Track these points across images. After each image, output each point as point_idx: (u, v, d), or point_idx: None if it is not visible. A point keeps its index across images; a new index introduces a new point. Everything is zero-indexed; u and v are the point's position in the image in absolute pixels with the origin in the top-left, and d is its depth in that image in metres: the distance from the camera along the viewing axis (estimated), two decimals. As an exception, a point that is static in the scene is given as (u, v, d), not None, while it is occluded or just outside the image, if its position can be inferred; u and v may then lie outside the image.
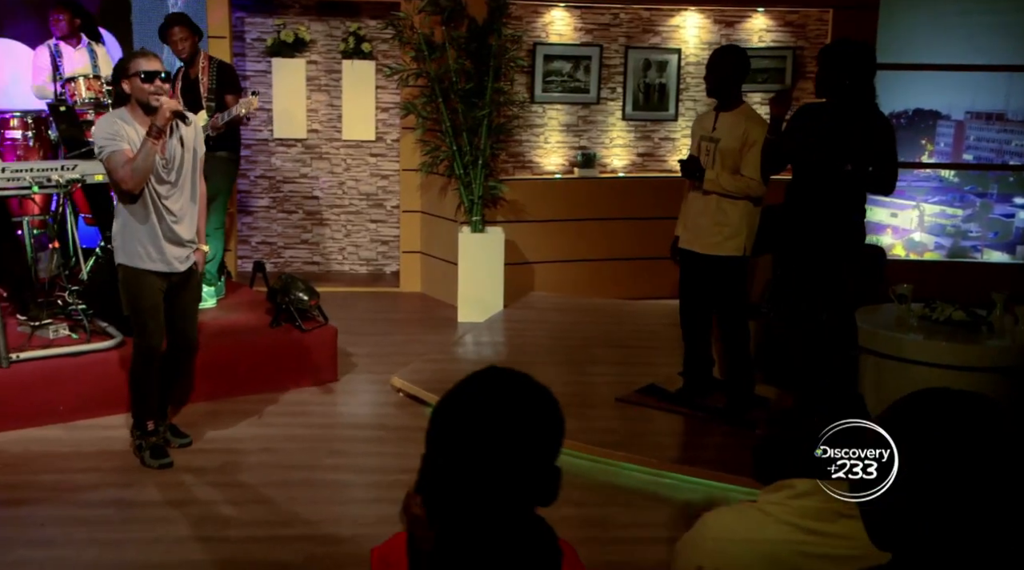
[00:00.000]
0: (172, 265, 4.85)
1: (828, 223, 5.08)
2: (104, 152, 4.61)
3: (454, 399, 1.63)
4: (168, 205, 4.78)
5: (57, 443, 5.29)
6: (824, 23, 8.47)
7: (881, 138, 4.96)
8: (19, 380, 5.43)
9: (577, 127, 8.43)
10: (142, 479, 4.90)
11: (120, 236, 4.80)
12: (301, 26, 8.66)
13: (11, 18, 7.70)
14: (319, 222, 9.05)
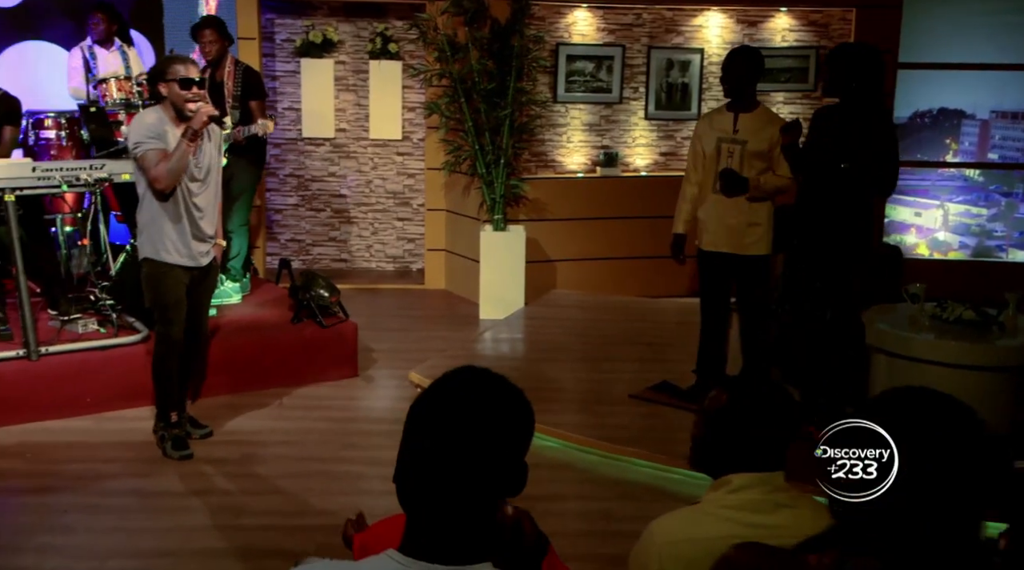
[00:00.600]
0: (196, 260, 5.02)
1: (833, 223, 5.12)
2: (140, 149, 4.77)
3: (430, 394, 1.72)
4: (197, 202, 4.95)
5: (83, 434, 5.47)
6: (847, 22, 8.48)
7: (880, 138, 4.99)
8: (48, 372, 5.62)
9: (600, 126, 8.51)
10: (163, 469, 5.06)
11: (147, 231, 4.95)
12: (329, 27, 8.81)
13: (47, 21, 7.91)
14: (347, 220, 9.19)
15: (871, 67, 5.01)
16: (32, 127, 6.94)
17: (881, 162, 4.99)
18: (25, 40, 7.87)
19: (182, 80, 4.75)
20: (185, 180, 4.86)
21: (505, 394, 1.69)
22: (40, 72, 7.82)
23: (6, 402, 5.48)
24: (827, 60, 5.21)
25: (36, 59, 7.87)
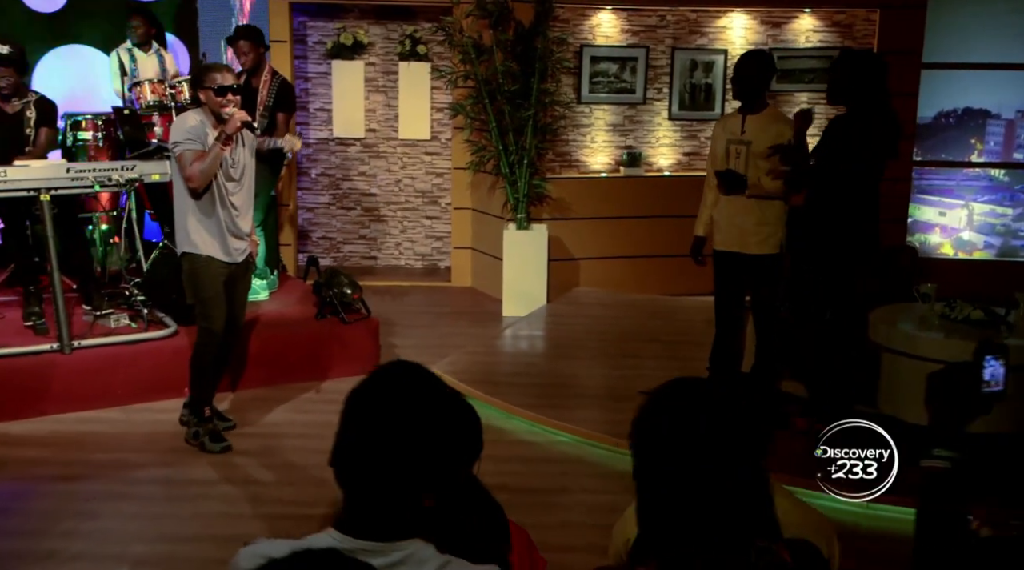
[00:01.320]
0: (232, 255, 5.23)
1: (836, 224, 5.20)
2: (179, 148, 4.98)
3: (364, 386, 1.88)
4: (233, 201, 5.17)
5: (113, 424, 5.70)
6: (871, 23, 8.51)
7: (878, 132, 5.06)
8: (81, 365, 5.85)
9: (623, 127, 8.62)
10: (187, 459, 5.27)
11: (185, 228, 5.15)
12: (360, 30, 9.00)
13: (87, 25, 8.16)
14: (376, 218, 9.39)
15: (871, 73, 5.08)
16: (70, 129, 7.19)
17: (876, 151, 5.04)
18: (66, 44, 8.12)
19: (218, 88, 4.96)
20: (222, 180, 5.07)
21: (431, 389, 1.85)
22: (80, 75, 8.08)
23: (40, 393, 5.73)
24: (830, 70, 5.30)
25: (76, 62, 8.13)
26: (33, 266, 6.43)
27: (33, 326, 6.22)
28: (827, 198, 5.21)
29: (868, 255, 5.34)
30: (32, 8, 8.00)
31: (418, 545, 1.78)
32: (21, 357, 5.79)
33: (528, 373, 6.49)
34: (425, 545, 1.79)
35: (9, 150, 6.35)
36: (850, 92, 5.09)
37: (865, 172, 5.11)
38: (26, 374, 5.75)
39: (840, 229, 5.20)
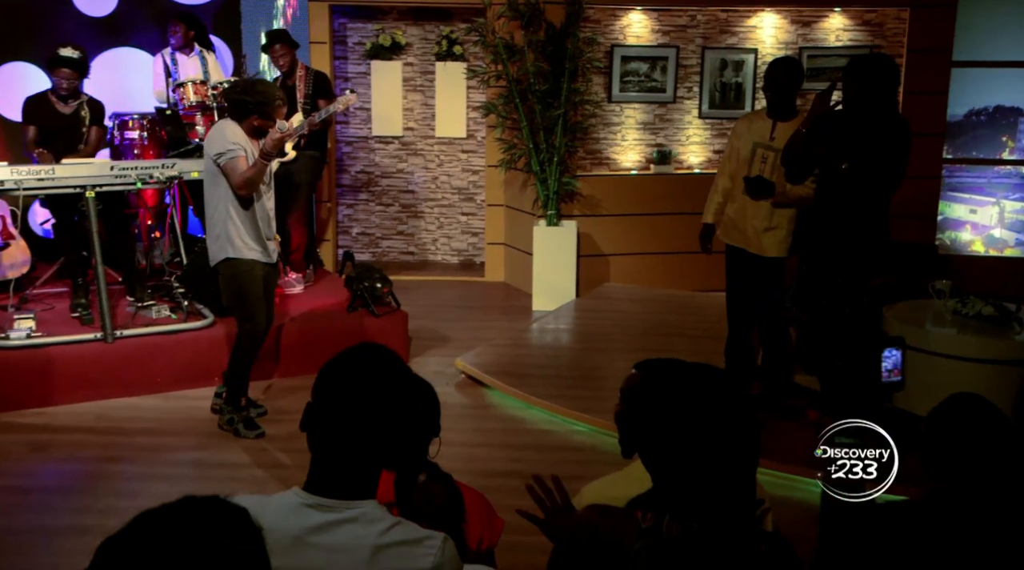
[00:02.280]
0: (270, 256, 5.50)
1: (846, 222, 5.29)
2: (225, 158, 5.22)
3: (335, 362, 2.11)
4: (266, 205, 5.45)
5: (152, 410, 6.00)
6: (902, 21, 8.56)
7: (890, 139, 5.13)
8: (123, 354, 6.16)
9: (654, 125, 8.76)
10: (220, 443, 5.55)
11: (224, 234, 5.35)
12: (398, 31, 9.24)
13: (134, 28, 8.50)
14: (414, 214, 9.63)
15: (884, 76, 5.13)
16: (117, 128, 7.52)
17: (887, 161, 5.11)
18: (115, 47, 8.46)
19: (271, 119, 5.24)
20: (259, 186, 5.34)
21: (391, 368, 2.07)
22: (128, 77, 8.41)
23: (85, 380, 6.04)
24: (843, 75, 5.35)
25: (124, 65, 8.47)
26: (81, 260, 6.75)
27: (79, 316, 6.54)
28: (834, 196, 5.31)
29: (880, 251, 5.44)
30: (84, 13, 8.35)
31: (371, 505, 2.01)
32: (67, 345, 6.10)
33: (550, 365, 6.68)
34: (378, 506, 2.02)
35: (66, 148, 6.71)
36: (863, 97, 5.14)
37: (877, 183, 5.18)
38: (72, 362, 6.07)
39: (850, 226, 5.29)
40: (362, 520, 2.00)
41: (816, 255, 5.53)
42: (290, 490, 2.06)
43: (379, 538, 1.98)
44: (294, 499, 2.03)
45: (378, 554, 1.96)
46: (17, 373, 5.93)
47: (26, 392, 5.91)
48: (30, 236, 7.62)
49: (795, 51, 8.64)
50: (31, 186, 6.02)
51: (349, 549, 1.97)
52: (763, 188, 5.58)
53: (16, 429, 5.71)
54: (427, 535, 2.04)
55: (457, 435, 5.84)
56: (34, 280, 7.15)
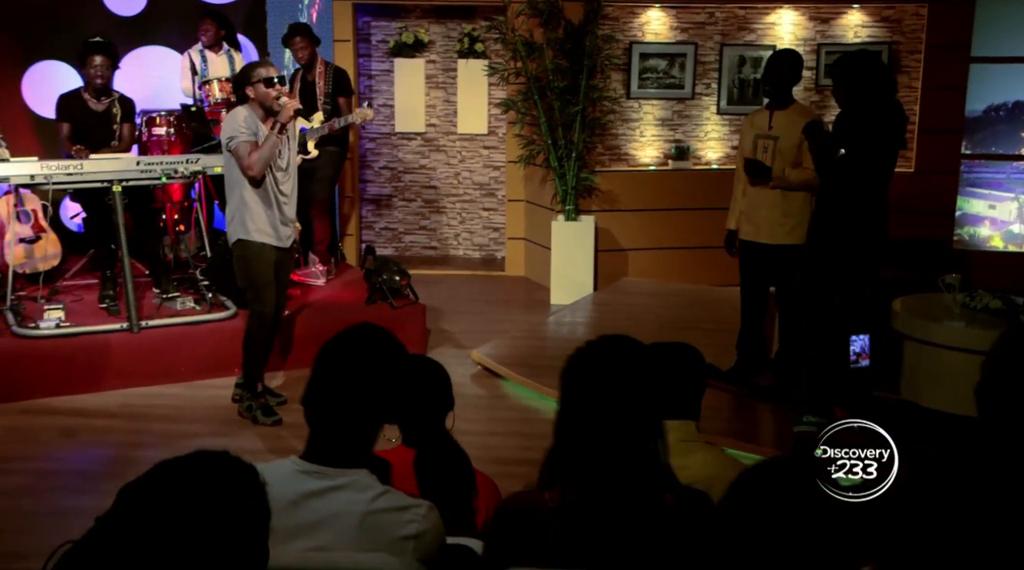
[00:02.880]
0: (282, 241, 5.63)
1: (843, 219, 5.37)
2: (234, 142, 5.35)
3: (333, 342, 2.26)
4: (283, 189, 5.55)
5: (175, 399, 6.18)
6: (920, 18, 8.59)
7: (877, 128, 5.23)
8: (148, 344, 6.34)
9: (672, 121, 8.85)
10: (239, 431, 5.71)
11: (238, 217, 5.50)
12: (421, 29, 9.39)
13: (164, 27, 8.69)
14: (436, 210, 9.77)
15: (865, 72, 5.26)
16: (145, 125, 7.72)
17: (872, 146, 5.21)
18: (145, 46, 8.66)
19: (266, 79, 5.33)
20: (274, 170, 5.46)
21: (388, 342, 2.21)
22: (158, 74, 8.61)
23: (111, 369, 6.23)
24: (830, 73, 5.49)
25: (154, 63, 8.67)
26: (109, 253, 6.93)
27: (107, 307, 6.74)
28: (835, 194, 5.41)
29: (875, 247, 5.52)
30: (114, 12, 8.56)
31: (362, 474, 2.14)
32: (94, 335, 6.29)
33: (564, 357, 6.78)
34: (369, 476, 2.15)
35: (99, 144, 6.90)
36: (849, 94, 5.28)
37: (873, 175, 5.26)
38: (99, 351, 6.25)
39: (845, 222, 5.37)
40: (353, 487, 2.13)
41: (817, 247, 5.63)
42: (288, 458, 2.20)
43: (369, 505, 2.11)
44: (291, 466, 2.17)
45: (367, 519, 2.10)
46: (47, 361, 6.12)
47: (55, 380, 6.11)
48: (61, 230, 7.84)
49: (813, 47, 8.70)
50: (60, 180, 6.22)
51: (340, 514, 2.10)
52: (760, 171, 5.73)
53: (45, 415, 5.91)
54: (413, 503, 2.17)
55: (472, 424, 5.97)
56: (65, 272, 7.36)
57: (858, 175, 5.26)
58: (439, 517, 2.20)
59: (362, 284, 7.39)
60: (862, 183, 5.27)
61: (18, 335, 6.18)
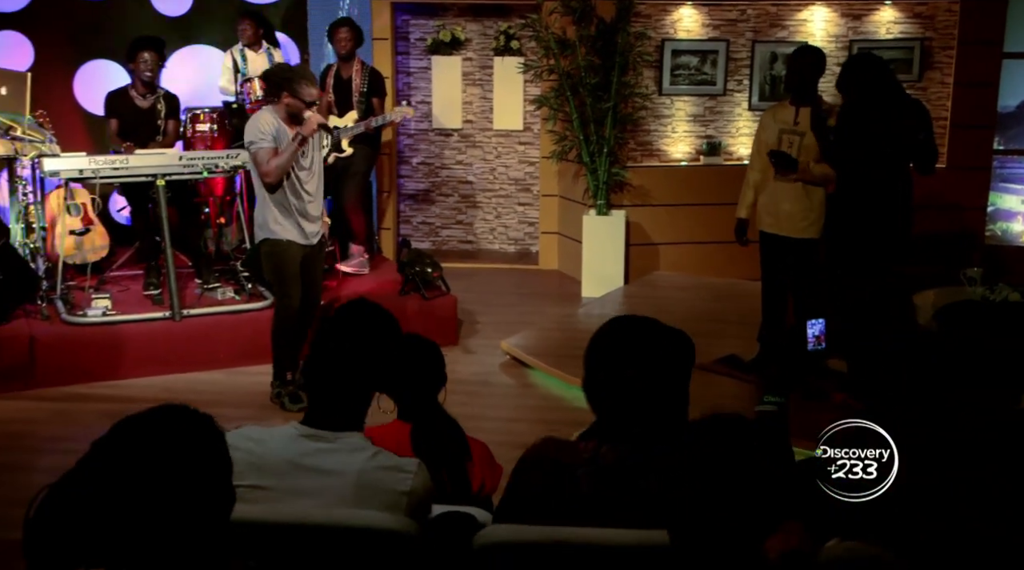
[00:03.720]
0: (308, 238, 5.85)
1: (864, 208, 5.50)
2: (254, 147, 5.61)
3: (335, 315, 2.46)
4: (307, 188, 5.78)
5: (215, 384, 6.43)
6: (953, 13, 8.62)
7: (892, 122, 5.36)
8: (189, 332, 6.61)
9: (704, 117, 8.96)
10: (274, 416, 5.95)
11: (263, 215, 5.79)
12: (458, 27, 9.58)
13: (209, 26, 8.97)
14: (472, 205, 9.97)
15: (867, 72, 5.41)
16: (190, 121, 7.98)
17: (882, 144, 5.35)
18: (190, 45, 8.94)
19: (308, 102, 5.57)
20: (295, 170, 5.67)
21: (382, 317, 2.41)
22: (201, 72, 8.89)
23: (154, 356, 6.50)
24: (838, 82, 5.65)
25: (198, 61, 8.95)
26: (154, 245, 7.20)
27: (151, 297, 7.02)
28: (849, 191, 5.54)
29: (893, 242, 5.62)
30: (161, 12, 8.85)
31: (356, 437, 2.34)
32: (139, 323, 6.57)
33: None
34: (362, 438, 2.35)
35: (145, 140, 7.18)
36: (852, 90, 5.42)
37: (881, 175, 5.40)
38: (142, 339, 6.53)
39: (870, 220, 5.50)
40: (348, 449, 2.33)
41: (832, 242, 5.77)
42: (289, 423, 2.40)
43: (363, 464, 2.31)
44: (292, 431, 2.37)
45: (361, 477, 2.29)
46: (93, 348, 6.41)
47: (100, 365, 6.39)
48: (110, 223, 8.14)
49: (845, 44, 8.77)
50: (106, 175, 6.50)
51: (336, 472, 2.30)
52: (787, 162, 5.85)
53: (90, 399, 6.19)
54: (404, 462, 2.36)
55: (499, 411, 6.18)
56: (112, 263, 7.65)
57: (866, 174, 5.39)
58: (428, 474, 2.39)
59: (397, 276, 7.60)
60: (872, 182, 5.40)
61: (67, 322, 6.48)
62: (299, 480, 2.30)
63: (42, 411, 6.01)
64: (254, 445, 2.33)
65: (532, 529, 2.17)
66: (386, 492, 2.28)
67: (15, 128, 6.74)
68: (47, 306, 6.57)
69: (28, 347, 6.31)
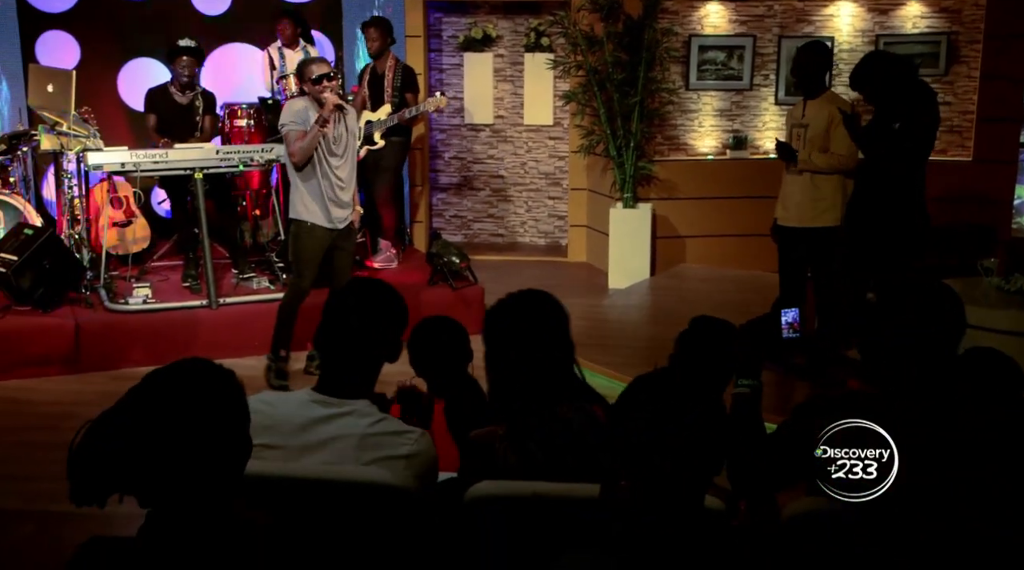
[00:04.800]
0: (335, 223, 6.07)
1: (877, 198, 5.63)
2: (286, 128, 5.89)
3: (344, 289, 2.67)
4: (338, 173, 6.00)
5: (249, 369, 6.61)
6: (979, 7, 8.66)
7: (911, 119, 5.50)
8: (225, 319, 6.87)
9: (730, 112, 9.08)
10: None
11: (295, 196, 6.04)
12: (489, 24, 9.78)
13: (247, 26, 9.23)
14: (504, 198, 10.16)
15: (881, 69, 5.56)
16: (228, 117, 8.26)
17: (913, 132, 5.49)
18: (229, 43, 9.22)
19: (316, 77, 5.82)
20: (325, 154, 5.91)
21: (388, 293, 2.61)
22: (239, 70, 9.17)
23: (192, 342, 6.75)
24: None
25: (237, 59, 9.22)
26: (193, 236, 7.46)
27: (189, 286, 7.29)
28: (872, 184, 5.67)
29: (916, 234, 5.74)
30: (202, 12, 9.13)
31: (364, 404, 2.54)
32: (177, 311, 6.84)
33: (613, 336, 7.14)
34: (370, 405, 2.55)
35: (183, 135, 7.45)
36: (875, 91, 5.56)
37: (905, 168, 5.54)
38: (181, 326, 6.80)
39: (885, 213, 5.63)
40: (355, 414, 2.53)
41: (853, 232, 5.89)
42: (304, 389, 2.60)
43: (367, 428, 2.51)
44: (305, 396, 2.58)
45: (365, 440, 2.49)
46: (134, 334, 6.69)
47: (141, 351, 6.65)
48: (151, 215, 8.44)
49: (872, 38, 8.85)
50: (147, 168, 6.78)
51: (343, 435, 2.51)
52: (787, 153, 6.05)
53: (131, 381, 6.24)
54: (408, 429, 2.56)
55: (521, 397, 6.35)
56: (153, 254, 7.94)
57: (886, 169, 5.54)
58: (431, 443, 2.58)
59: (426, 267, 7.81)
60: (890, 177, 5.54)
61: (110, 310, 6.77)
62: (308, 441, 2.50)
63: (87, 393, 6.28)
64: (268, 408, 2.54)
65: (514, 484, 2.37)
66: (386, 454, 2.47)
67: (61, 124, 7.02)
68: (91, 295, 6.87)
69: (74, 333, 6.60)
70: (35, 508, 4.73)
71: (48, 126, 7.15)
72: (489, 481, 2.43)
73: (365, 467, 2.41)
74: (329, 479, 2.39)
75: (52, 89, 7.19)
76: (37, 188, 8.24)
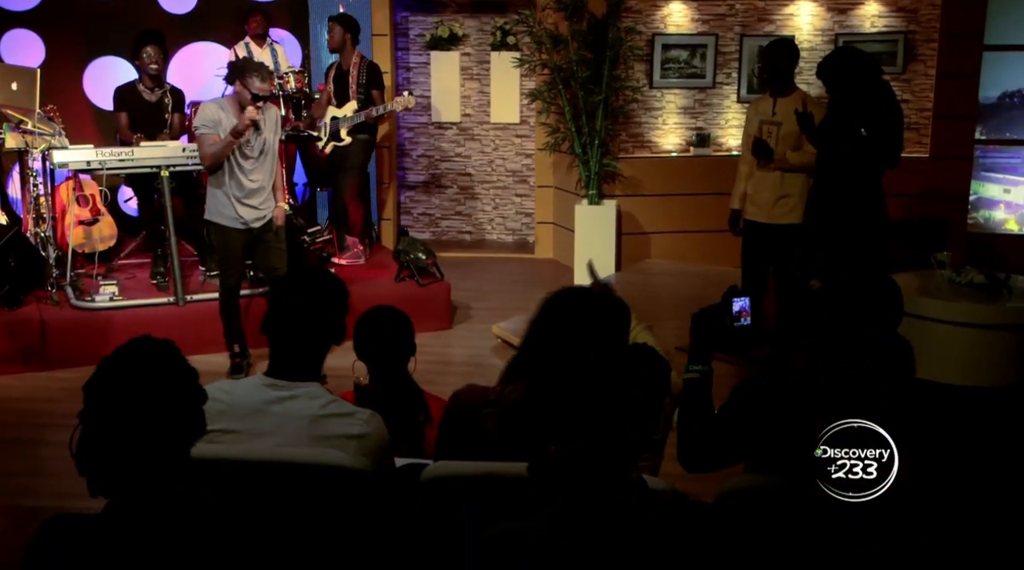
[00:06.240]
0: (248, 223, 6.14)
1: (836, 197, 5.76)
2: (198, 131, 6.01)
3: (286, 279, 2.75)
4: (252, 177, 6.08)
5: (216, 366, 6.67)
6: (935, 7, 8.83)
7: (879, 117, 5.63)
8: (192, 316, 6.90)
9: (693, 110, 9.21)
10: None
11: (208, 198, 6.18)
12: (456, 23, 9.85)
13: (214, 24, 9.24)
14: (471, 196, 10.24)
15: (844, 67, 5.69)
16: (194, 114, 8.26)
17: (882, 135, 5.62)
18: (195, 41, 9.24)
19: (253, 95, 5.85)
20: (237, 158, 5.99)
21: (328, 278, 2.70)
22: (206, 69, 9.18)
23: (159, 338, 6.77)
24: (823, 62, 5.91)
25: (203, 58, 9.24)
26: (160, 234, 7.50)
27: (156, 283, 7.33)
28: (834, 182, 5.79)
29: (879, 231, 5.86)
30: (168, 10, 9.14)
31: (314, 386, 2.62)
32: (144, 308, 6.88)
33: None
34: (319, 387, 2.63)
35: (152, 133, 7.47)
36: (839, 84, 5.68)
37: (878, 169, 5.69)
38: (147, 322, 6.78)
39: (845, 209, 5.75)
40: (305, 396, 2.62)
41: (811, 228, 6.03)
42: (256, 375, 2.68)
43: (319, 410, 2.59)
44: (257, 381, 2.67)
45: (316, 422, 2.58)
46: (100, 331, 6.71)
47: (108, 347, 6.60)
48: (118, 214, 8.44)
49: (831, 37, 9.00)
50: (112, 166, 6.81)
51: (294, 416, 2.59)
52: (764, 151, 6.16)
53: None
54: (358, 410, 2.64)
55: (486, 391, 6.44)
56: (120, 252, 7.96)
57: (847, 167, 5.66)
58: (382, 423, 2.67)
59: (394, 264, 7.87)
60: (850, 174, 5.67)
61: (76, 307, 6.80)
62: (261, 424, 2.58)
63: (53, 390, 6.31)
64: (223, 395, 2.63)
65: (466, 464, 2.46)
66: (338, 435, 2.56)
67: (26, 122, 7.03)
68: (57, 292, 6.89)
69: (40, 330, 6.63)
70: (4, 503, 4.77)
71: (13, 124, 7.15)
72: (443, 462, 2.51)
73: (318, 449, 2.49)
74: (282, 461, 2.46)
75: (16, 87, 7.19)
76: (2, 186, 8.22)
